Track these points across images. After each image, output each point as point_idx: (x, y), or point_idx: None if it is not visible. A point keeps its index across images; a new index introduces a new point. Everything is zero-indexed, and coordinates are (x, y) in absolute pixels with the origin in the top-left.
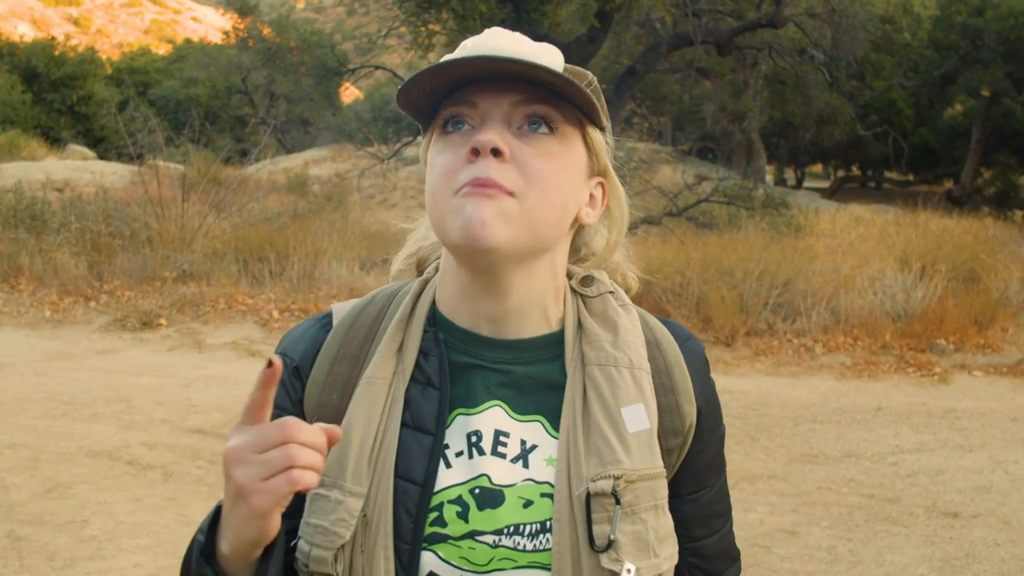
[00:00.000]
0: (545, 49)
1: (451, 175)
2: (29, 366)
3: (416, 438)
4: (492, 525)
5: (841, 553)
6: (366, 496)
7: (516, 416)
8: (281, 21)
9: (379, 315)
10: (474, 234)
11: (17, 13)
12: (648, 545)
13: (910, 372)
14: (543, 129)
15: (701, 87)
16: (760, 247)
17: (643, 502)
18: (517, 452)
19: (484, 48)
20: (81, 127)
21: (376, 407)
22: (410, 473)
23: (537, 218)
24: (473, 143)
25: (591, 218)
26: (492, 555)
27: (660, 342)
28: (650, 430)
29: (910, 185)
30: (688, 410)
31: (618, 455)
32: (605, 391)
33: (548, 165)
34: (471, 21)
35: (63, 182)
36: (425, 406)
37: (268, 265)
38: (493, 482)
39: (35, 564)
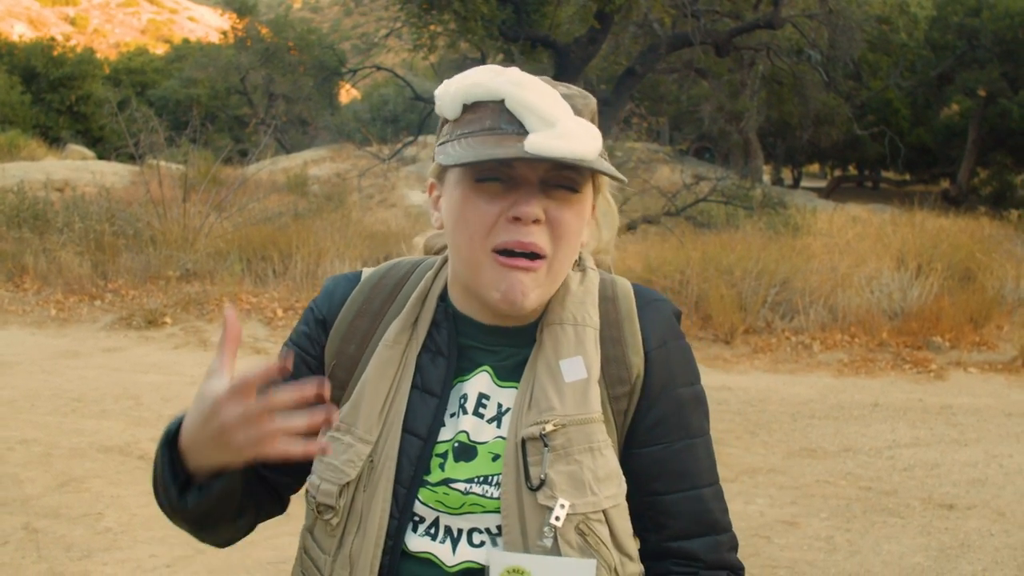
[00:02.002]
0: (583, 128)
1: (487, 227)
2: (37, 364)
3: (424, 399)
4: (464, 475)
5: (839, 543)
6: (374, 444)
7: (498, 382)
8: (279, 21)
9: (402, 279)
10: (514, 302)
11: (14, 13)
12: (584, 484)
13: (906, 369)
14: (570, 190)
15: (699, 87)
16: (758, 246)
17: (576, 444)
18: (494, 414)
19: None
20: (80, 127)
21: (390, 370)
22: (416, 428)
23: (560, 271)
24: (518, 213)
25: (586, 238)
26: (464, 500)
27: (617, 298)
28: (587, 380)
29: (907, 185)
30: (635, 361)
31: (552, 403)
32: (548, 348)
33: (575, 220)
34: (472, 23)
35: (63, 182)
36: (434, 372)
37: (271, 264)
38: (470, 438)
39: (53, 555)
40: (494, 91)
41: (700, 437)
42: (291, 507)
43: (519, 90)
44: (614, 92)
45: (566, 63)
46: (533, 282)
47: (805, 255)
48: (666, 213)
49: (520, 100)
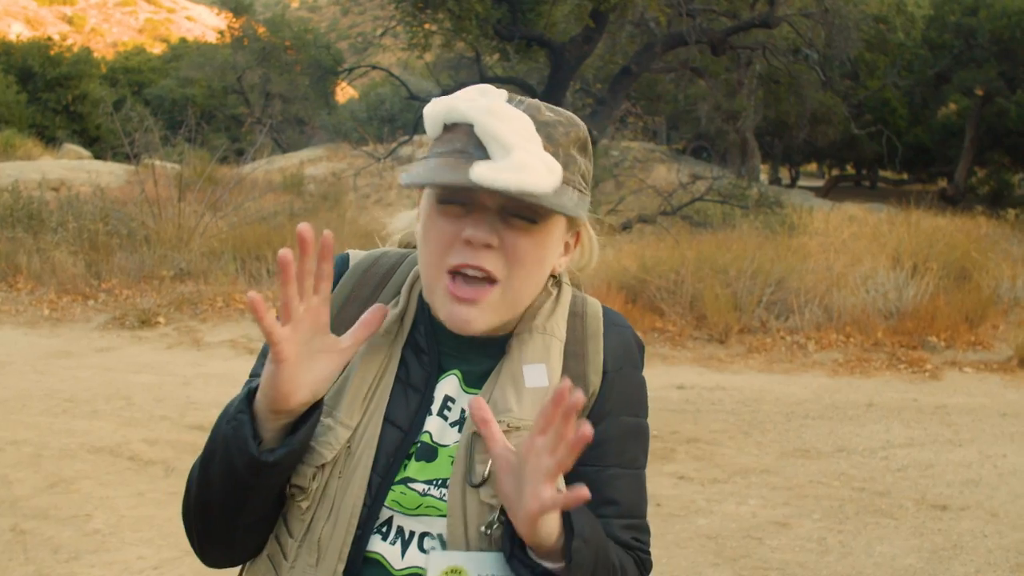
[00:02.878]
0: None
1: (445, 248)
2: (29, 364)
3: (406, 393)
4: (423, 475)
5: (831, 544)
6: (353, 430)
7: (465, 388)
8: (276, 20)
9: (392, 268)
10: (459, 329)
11: (11, 12)
12: None
13: (901, 369)
14: (528, 220)
15: (696, 87)
16: (754, 246)
17: None
18: (456, 418)
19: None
20: (76, 127)
21: (376, 359)
22: (397, 420)
23: (519, 297)
24: (469, 237)
25: (563, 265)
26: (420, 502)
27: (586, 315)
28: (547, 388)
29: (904, 184)
30: (593, 379)
31: (510, 405)
32: (515, 353)
33: (531, 248)
34: (467, 21)
35: (59, 181)
36: (419, 369)
37: (266, 264)
38: (433, 440)
39: (40, 557)
40: (466, 116)
41: (633, 469)
42: None
43: (488, 117)
44: (610, 91)
45: (561, 62)
46: (480, 312)
47: (801, 254)
48: (662, 212)
49: (486, 128)
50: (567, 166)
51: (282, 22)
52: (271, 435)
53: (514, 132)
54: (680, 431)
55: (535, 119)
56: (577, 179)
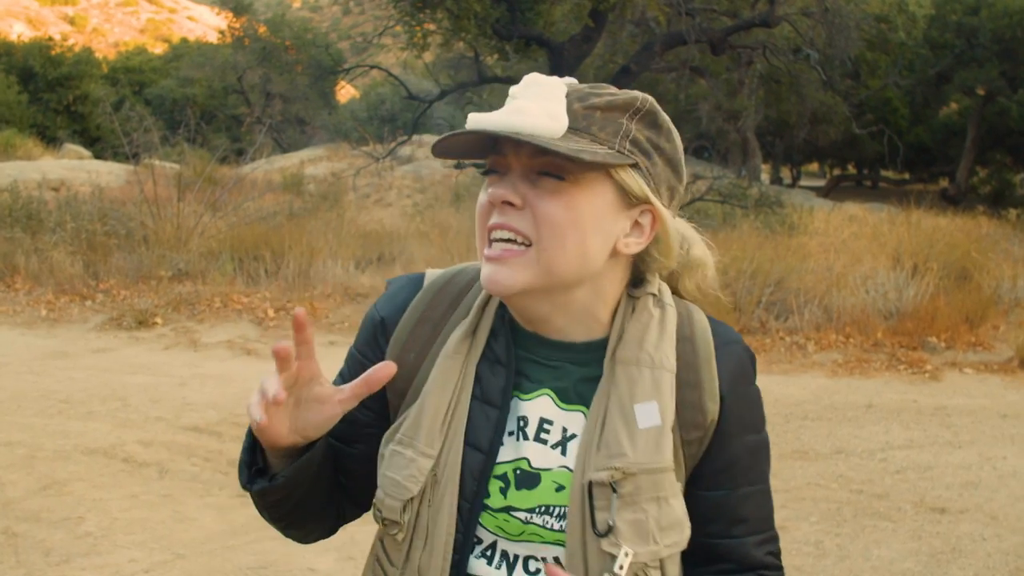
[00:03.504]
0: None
1: (484, 216)
2: (25, 364)
3: (484, 411)
4: (526, 504)
5: (829, 548)
6: (436, 458)
7: (562, 405)
8: (276, 20)
9: (466, 287)
10: (491, 290)
11: (12, 12)
12: (648, 533)
13: (901, 370)
14: (553, 177)
15: (697, 86)
16: (753, 246)
17: (644, 493)
18: (558, 439)
19: (511, 96)
20: (77, 126)
21: (450, 381)
22: (478, 441)
23: (553, 261)
24: (490, 196)
25: (632, 248)
26: (523, 529)
27: (696, 339)
28: (661, 427)
29: (906, 184)
30: (711, 407)
31: (623, 448)
32: (623, 388)
33: (559, 208)
34: (465, 21)
35: (59, 181)
36: (494, 382)
37: (263, 264)
38: (532, 465)
39: (31, 560)
40: (512, 92)
41: (762, 484)
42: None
43: (518, 87)
44: None
45: (560, 62)
46: (510, 270)
47: (801, 254)
48: None
49: (513, 91)
50: (603, 127)
51: (283, 22)
52: (276, 461)
53: (530, 92)
54: None
55: (578, 88)
56: (619, 142)
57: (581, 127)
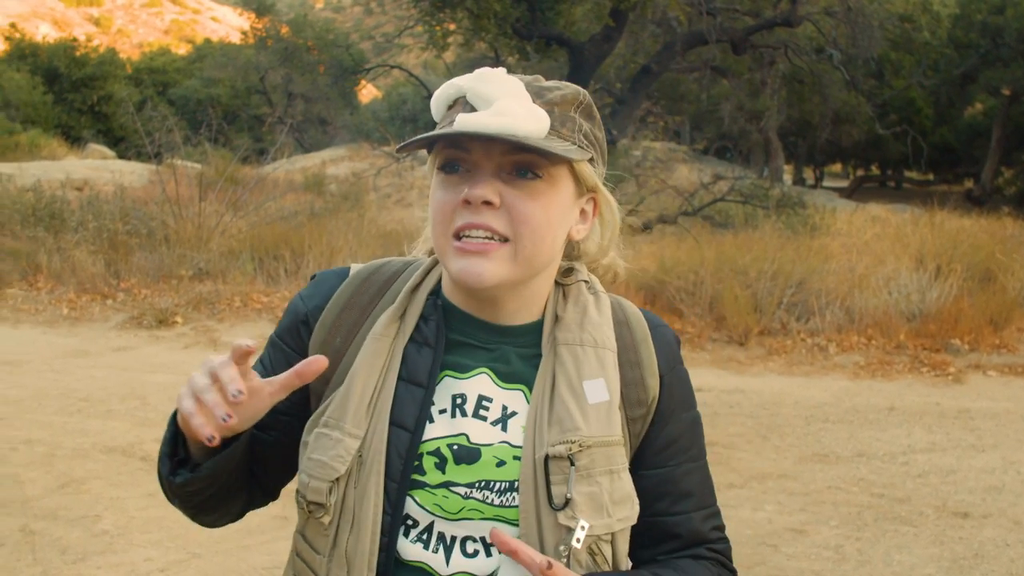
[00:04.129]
0: (525, 109)
1: (448, 214)
2: (46, 363)
3: (409, 390)
4: (466, 478)
5: (849, 552)
6: (362, 439)
7: (501, 384)
8: (299, 21)
9: (394, 275)
10: (470, 283)
11: (39, 14)
12: (602, 506)
13: (924, 372)
14: (530, 176)
15: (719, 86)
16: (775, 246)
17: (598, 466)
18: (498, 416)
19: (474, 94)
20: (101, 126)
21: (378, 362)
22: (403, 420)
23: (530, 256)
24: (466, 196)
25: (582, 233)
26: (463, 505)
27: (630, 322)
28: (609, 402)
29: (930, 185)
30: (651, 383)
31: (577, 423)
32: (570, 367)
33: (536, 207)
34: (485, 20)
35: (83, 181)
36: (420, 362)
37: (283, 264)
38: (471, 441)
39: (48, 558)
40: (460, 87)
41: (701, 460)
42: (287, 510)
43: (476, 82)
44: (630, 91)
45: (581, 61)
46: (490, 263)
47: (822, 255)
48: (683, 213)
49: (475, 90)
50: (563, 123)
51: (305, 22)
52: (197, 451)
53: (499, 89)
54: None
55: (529, 83)
56: (577, 136)
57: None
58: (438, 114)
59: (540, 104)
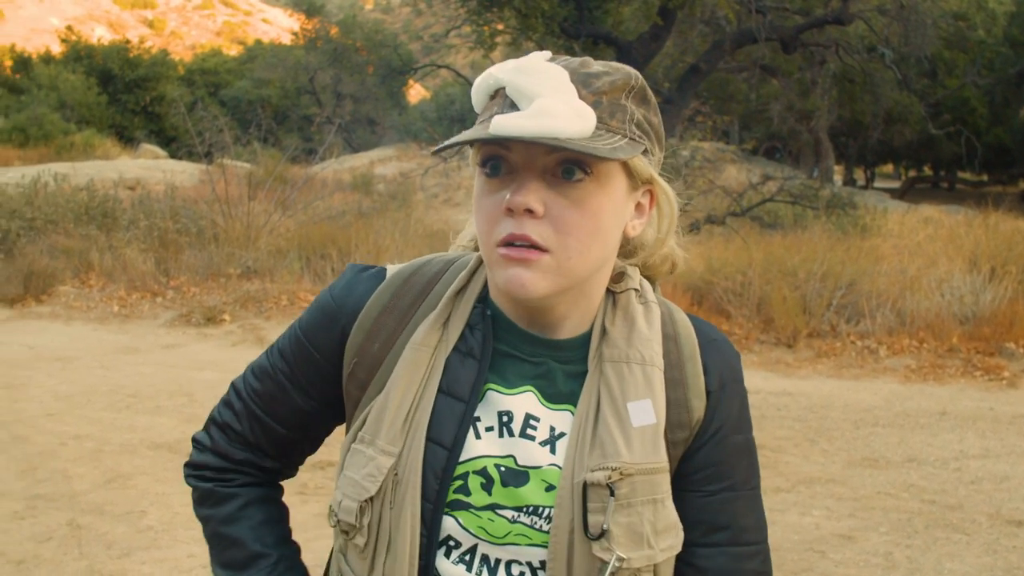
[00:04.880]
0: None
1: (492, 222)
2: (96, 359)
3: (449, 404)
4: (513, 502)
5: (898, 560)
6: (398, 456)
7: (547, 404)
8: (348, 22)
9: (435, 277)
10: (516, 293)
11: (95, 16)
12: (642, 537)
13: (977, 376)
14: (578, 175)
15: (768, 86)
16: (824, 247)
17: (640, 495)
18: (546, 437)
19: (513, 88)
20: (154, 127)
21: (417, 373)
22: (440, 437)
23: (575, 267)
24: (508, 203)
25: (639, 229)
26: (509, 529)
27: (679, 337)
28: (656, 425)
29: (984, 186)
30: (696, 404)
31: (619, 448)
32: (614, 386)
33: (583, 216)
34: (533, 20)
35: (135, 180)
36: (462, 374)
37: (330, 263)
38: (519, 463)
39: (93, 552)
40: (499, 79)
41: (746, 490)
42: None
43: (516, 75)
44: (678, 90)
45: (628, 60)
46: (534, 274)
47: (873, 257)
48: (731, 213)
49: (514, 85)
50: (612, 114)
51: (354, 23)
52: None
53: (540, 84)
54: None
55: (575, 71)
56: (628, 127)
57: (596, 117)
58: (479, 105)
59: (587, 94)
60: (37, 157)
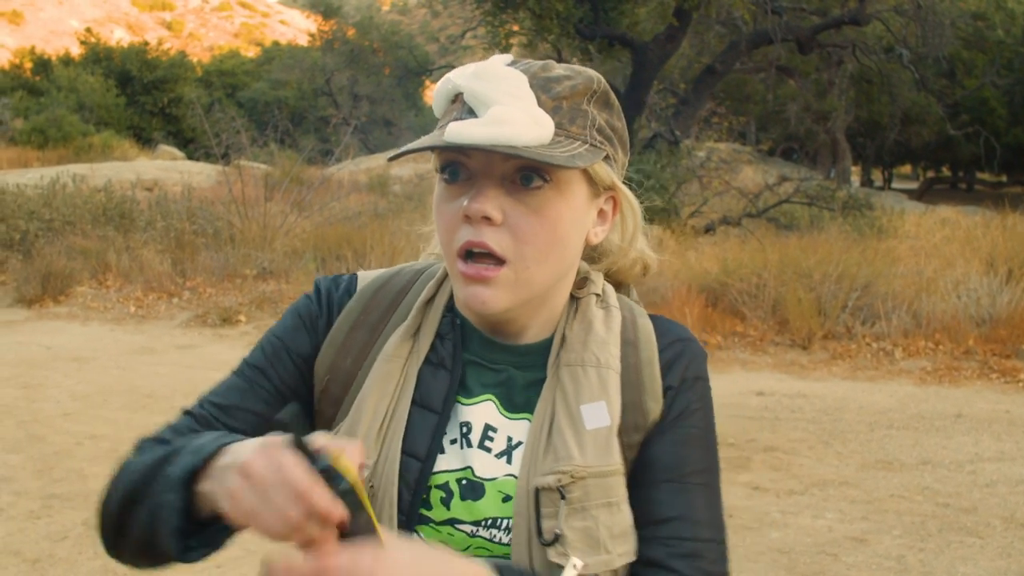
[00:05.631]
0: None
1: (451, 230)
2: (113, 360)
3: (423, 416)
4: (471, 516)
5: (911, 563)
6: (372, 468)
7: (505, 413)
8: (365, 23)
9: (404, 289)
10: (477, 309)
11: (113, 18)
12: (598, 542)
13: (993, 378)
14: (536, 182)
15: (785, 87)
16: (840, 249)
17: (594, 499)
18: (503, 448)
19: (470, 94)
20: (172, 128)
21: (389, 385)
22: (414, 449)
23: (533, 276)
24: (465, 210)
25: (601, 236)
26: (470, 543)
27: (639, 341)
28: (609, 427)
29: (1003, 186)
30: (652, 407)
31: (571, 451)
32: (569, 389)
33: (542, 223)
34: (548, 21)
35: (152, 181)
36: (435, 386)
37: (346, 264)
38: (476, 474)
39: None
40: (457, 84)
41: (695, 482)
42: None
43: (474, 81)
44: (693, 91)
45: (644, 61)
46: (494, 291)
47: (889, 258)
48: (747, 214)
49: (471, 91)
50: (573, 119)
51: (371, 25)
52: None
53: (498, 90)
54: (757, 439)
55: (535, 76)
56: (589, 133)
57: (555, 124)
58: (439, 110)
59: (546, 99)
60: (56, 159)
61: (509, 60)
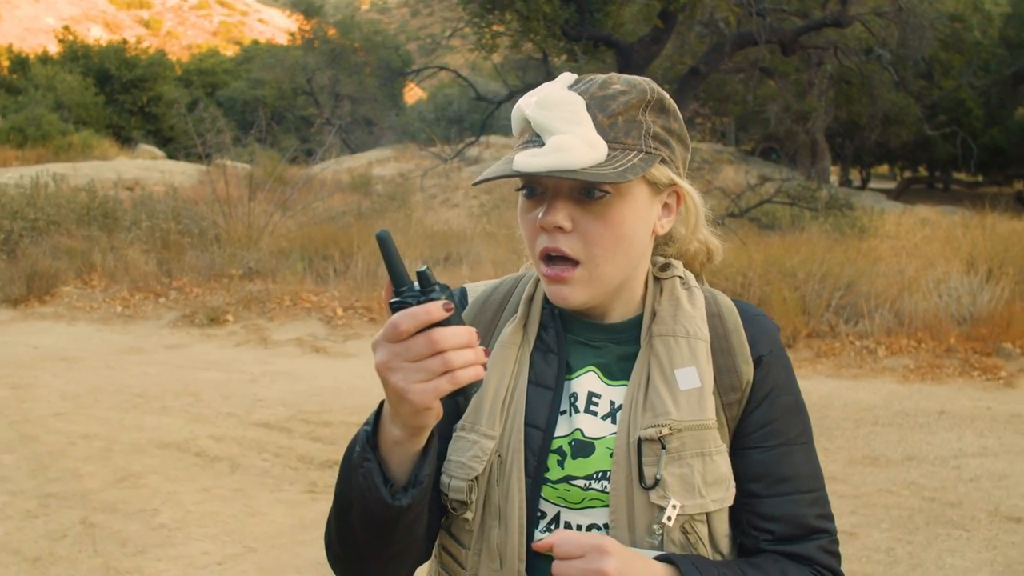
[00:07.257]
0: (581, 140)
1: (532, 237)
2: (101, 360)
3: (540, 393)
4: (583, 471)
5: (900, 556)
6: (498, 439)
7: (607, 381)
8: (346, 22)
9: (507, 295)
10: (559, 304)
11: (90, 16)
12: (694, 487)
13: (975, 376)
14: (598, 194)
15: (765, 87)
16: (823, 248)
17: (690, 449)
18: (607, 411)
19: (536, 124)
20: (151, 127)
21: (507, 367)
22: (536, 420)
23: (607, 274)
24: (540, 222)
25: (667, 227)
26: (584, 496)
27: (723, 314)
28: (701, 389)
29: (979, 186)
30: (745, 369)
31: (668, 408)
32: (663, 356)
33: (607, 227)
34: (534, 22)
35: (133, 181)
36: (547, 369)
37: (332, 263)
38: (585, 435)
39: (108, 550)
40: (525, 113)
41: (799, 444)
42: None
43: (535, 110)
44: (678, 92)
45: (629, 62)
46: (571, 288)
47: (871, 258)
48: (729, 214)
49: (536, 121)
50: (628, 132)
51: (352, 24)
52: (400, 471)
53: (558, 118)
54: None
55: (592, 96)
56: (644, 141)
57: (611, 139)
58: (516, 131)
59: (603, 118)
60: (35, 158)
61: (571, 81)
